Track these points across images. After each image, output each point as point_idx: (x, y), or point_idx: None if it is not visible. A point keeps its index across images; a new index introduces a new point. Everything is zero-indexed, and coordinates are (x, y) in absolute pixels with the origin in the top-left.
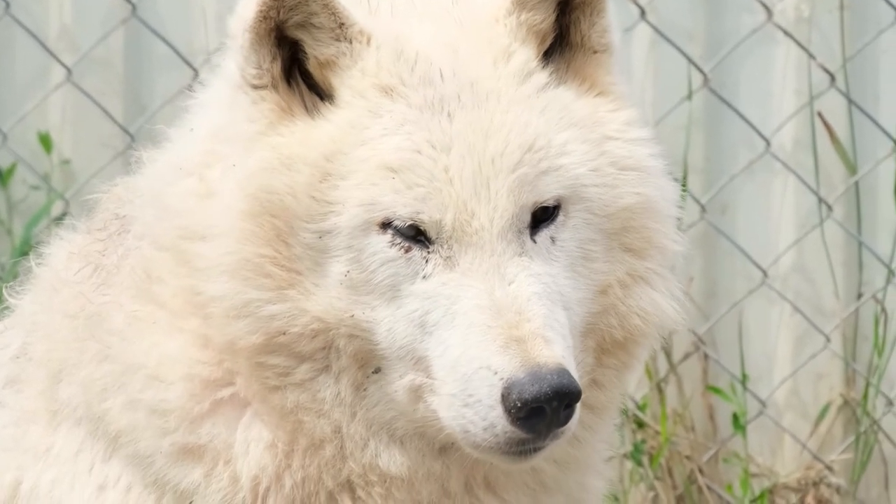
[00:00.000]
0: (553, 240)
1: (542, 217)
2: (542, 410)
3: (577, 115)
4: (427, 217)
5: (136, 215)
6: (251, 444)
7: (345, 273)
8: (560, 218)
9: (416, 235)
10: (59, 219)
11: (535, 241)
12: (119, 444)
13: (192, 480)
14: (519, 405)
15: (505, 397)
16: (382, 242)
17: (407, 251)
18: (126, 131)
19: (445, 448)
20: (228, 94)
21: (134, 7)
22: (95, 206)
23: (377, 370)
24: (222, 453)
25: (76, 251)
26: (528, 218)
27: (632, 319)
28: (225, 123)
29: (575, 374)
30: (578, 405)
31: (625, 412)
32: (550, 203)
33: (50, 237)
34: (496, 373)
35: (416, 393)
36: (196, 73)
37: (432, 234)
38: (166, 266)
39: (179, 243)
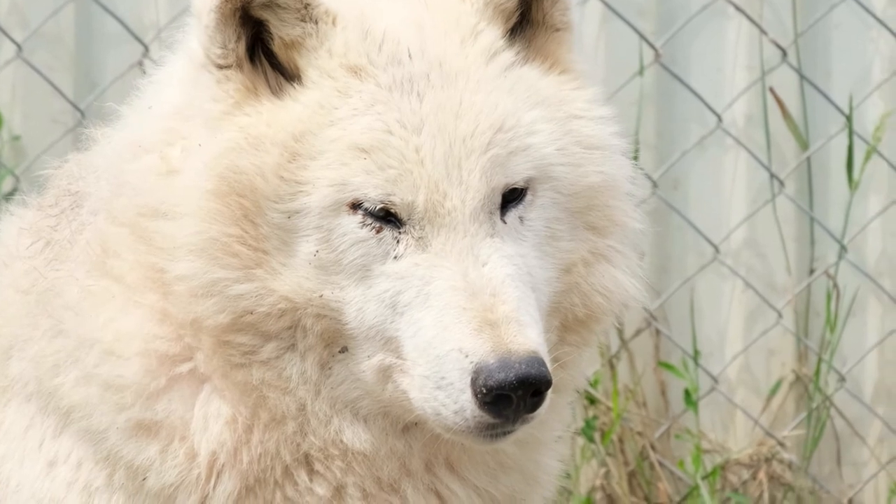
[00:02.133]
0: (521, 219)
1: (511, 197)
2: (508, 397)
3: (542, 93)
4: (399, 199)
5: (91, 191)
6: (210, 420)
7: (314, 253)
8: (528, 197)
9: (387, 216)
10: (10, 195)
11: (504, 222)
12: (70, 420)
13: (147, 456)
14: (485, 391)
15: (474, 381)
16: (353, 223)
17: (378, 231)
18: (76, 107)
19: (408, 427)
20: (191, 72)
21: None
22: (46, 183)
23: (343, 349)
24: (178, 429)
25: (27, 227)
26: (499, 199)
27: (594, 297)
28: (187, 102)
29: (548, 360)
30: (549, 392)
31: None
32: (520, 184)
33: (0, 213)
34: (467, 356)
35: (385, 373)
36: (146, 49)
37: (403, 215)
38: (124, 241)
39: (139, 220)
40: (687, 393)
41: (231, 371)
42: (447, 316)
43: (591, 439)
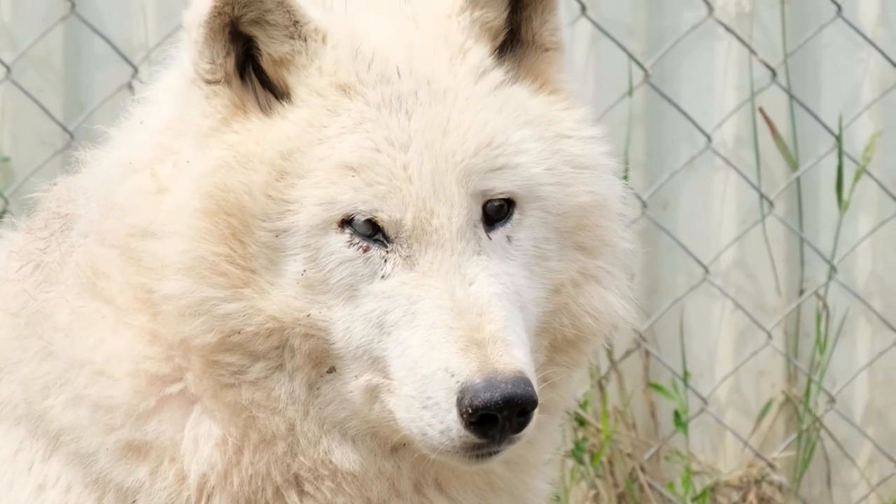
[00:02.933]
0: (509, 238)
1: (498, 216)
2: (494, 417)
3: (531, 112)
4: (387, 216)
5: (80, 213)
6: (200, 441)
7: (301, 272)
8: (516, 216)
9: (375, 234)
10: None
11: (490, 239)
12: (60, 443)
13: (137, 478)
14: (470, 410)
15: (459, 401)
16: (340, 242)
17: (365, 251)
18: (65, 129)
19: (397, 448)
20: (183, 87)
21: (73, 4)
22: (36, 205)
23: (331, 370)
24: (168, 450)
25: (16, 249)
26: (478, 210)
27: (584, 318)
28: (178, 117)
29: (534, 380)
30: (536, 412)
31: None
32: (501, 196)
33: None
34: (453, 375)
35: (372, 393)
36: (135, 70)
37: (391, 233)
38: (113, 263)
39: (128, 241)
40: (676, 414)
41: (221, 391)
42: (434, 335)
43: (580, 461)
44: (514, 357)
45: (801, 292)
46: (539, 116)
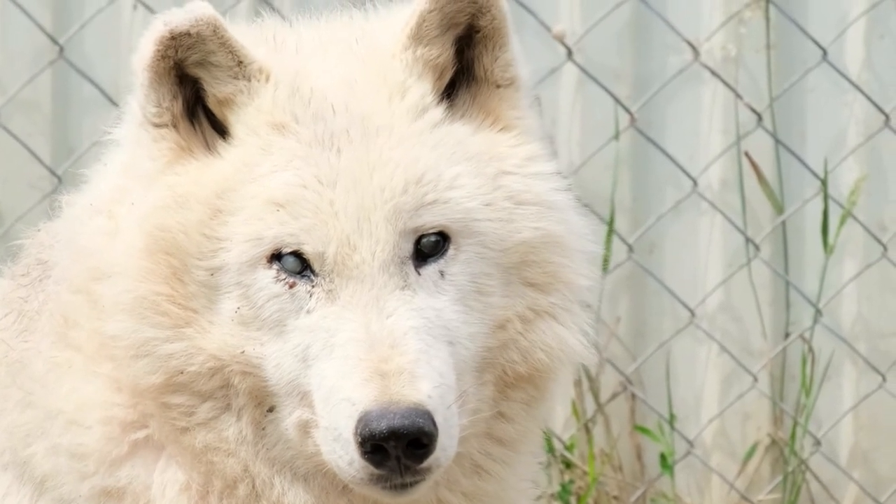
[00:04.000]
0: (442, 273)
1: (432, 252)
2: (384, 448)
3: (472, 149)
4: (311, 248)
5: (56, 260)
6: (167, 487)
7: (235, 309)
8: (450, 252)
9: (303, 270)
10: None
11: (419, 274)
12: (45, 489)
13: None
14: (360, 440)
15: (355, 430)
16: (268, 278)
17: (291, 286)
18: (54, 173)
19: (348, 486)
20: (134, 131)
21: (61, 48)
22: (20, 252)
23: (271, 409)
24: (141, 495)
25: (1, 297)
26: (409, 247)
27: (535, 354)
28: (131, 160)
29: (440, 413)
30: (441, 443)
31: (551, 451)
32: (432, 232)
33: None
34: (354, 405)
35: (304, 429)
36: None
37: (316, 266)
38: (80, 309)
39: (90, 284)
40: (663, 457)
41: (179, 436)
42: (345, 366)
43: (567, 503)
44: (415, 389)
45: (787, 335)
46: (481, 153)
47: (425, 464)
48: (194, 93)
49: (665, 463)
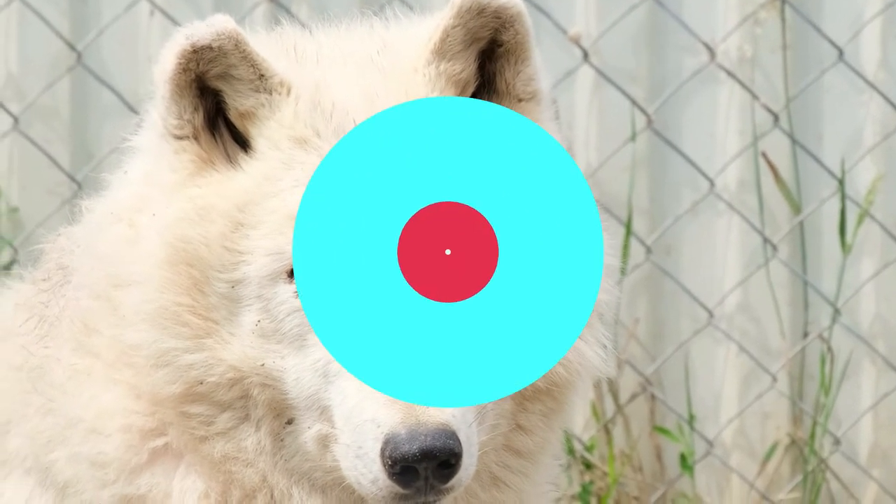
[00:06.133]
0: None
1: None
2: (415, 469)
3: None
4: None
5: (76, 266)
6: (186, 494)
7: (256, 322)
8: None
9: None
10: (7, 267)
11: None
12: (67, 494)
13: None
14: (391, 462)
15: (382, 452)
16: (289, 292)
17: None
18: (73, 179)
19: (364, 498)
20: (155, 141)
21: (79, 55)
22: (41, 256)
23: (290, 421)
24: (162, 503)
25: (22, 302)
26: None
27: (554, 368)
28: (152, 170)
29: (463, 431)
30: (463, 462)
31: (571, 452)
32: None
33: None
34: (379, 426)
35: (324, 443)
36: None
37: None
38: (101, 316)
39: (110, 291)
40: (683, 457)
41: (198, 445)
42: (367, 385)
43: None
44: (440, 409)
45: (806, 335)
46: None
47: (449, 483)
48: (216, 105)
49: (685, 463)
